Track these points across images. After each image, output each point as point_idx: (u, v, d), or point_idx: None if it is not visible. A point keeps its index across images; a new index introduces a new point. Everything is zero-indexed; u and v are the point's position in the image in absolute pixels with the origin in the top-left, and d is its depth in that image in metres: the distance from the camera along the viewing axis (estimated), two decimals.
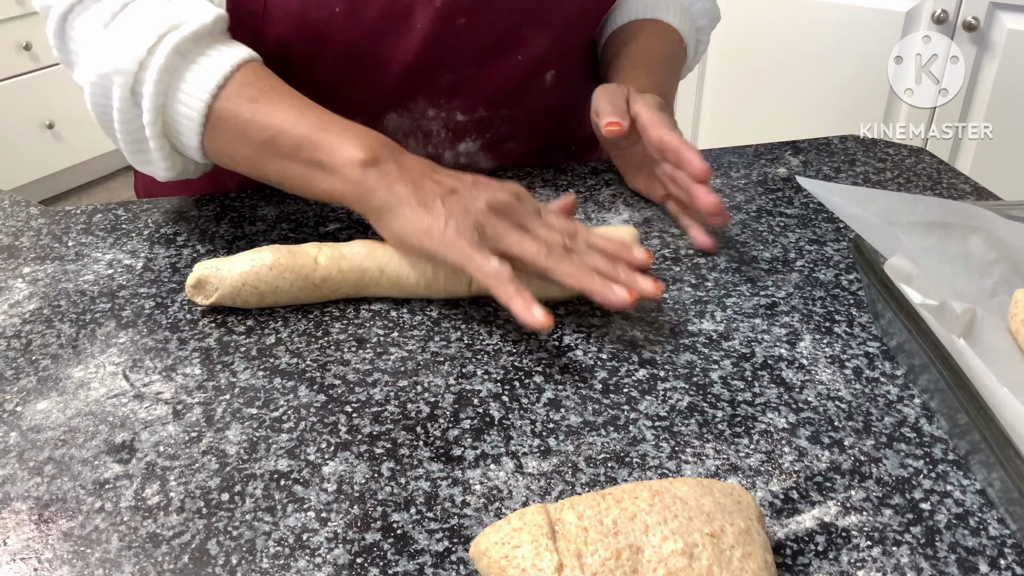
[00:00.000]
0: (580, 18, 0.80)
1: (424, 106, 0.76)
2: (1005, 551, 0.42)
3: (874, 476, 0.46)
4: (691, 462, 0.47)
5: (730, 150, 0.86)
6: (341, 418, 0.50)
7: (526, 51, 0.76)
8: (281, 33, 0.70)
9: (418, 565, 0.41)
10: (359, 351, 0.56)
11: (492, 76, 0.76)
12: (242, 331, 0.58)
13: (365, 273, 0.59)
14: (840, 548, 0.42)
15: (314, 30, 0.70)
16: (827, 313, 0.60)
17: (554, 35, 0.77)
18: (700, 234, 0.67)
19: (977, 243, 0.57)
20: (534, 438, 0.49)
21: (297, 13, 0.69)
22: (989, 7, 1.54)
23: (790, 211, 0.74)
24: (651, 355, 0.56)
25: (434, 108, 0.77)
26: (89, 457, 0.47)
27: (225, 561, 0.41)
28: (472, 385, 0.53)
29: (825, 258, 0.67)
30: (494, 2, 0.72)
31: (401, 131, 0.78)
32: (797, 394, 0.52)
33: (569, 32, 0.79)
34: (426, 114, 0.77)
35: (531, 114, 0.81)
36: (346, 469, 0.47)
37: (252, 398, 0.52)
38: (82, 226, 0.71)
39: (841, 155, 0.86)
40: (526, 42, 0.75)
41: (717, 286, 0.63)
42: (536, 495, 0.45)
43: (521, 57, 0.76)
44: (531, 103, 0.80)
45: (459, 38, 0.72)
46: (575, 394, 0.52)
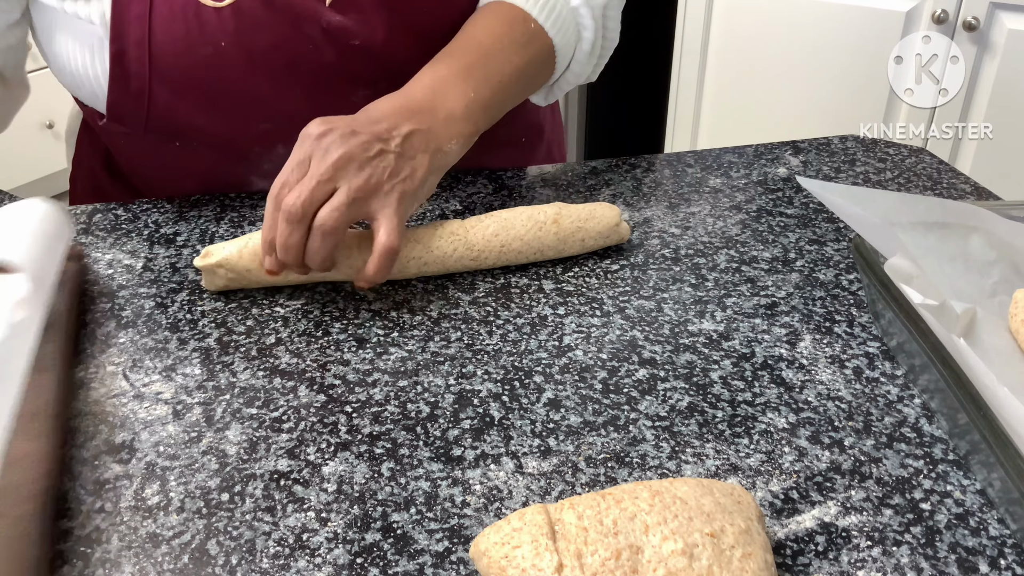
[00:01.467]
0: (458, 22, 0.73)
1: None
2: (1005, 551, 0.42)
3: (874, 476, 0.46)
4: (691, 462, 0.47)
5: (730, 150, 0.86)
6: (341, 418, 0.50)
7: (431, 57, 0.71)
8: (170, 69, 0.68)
9: (418, 565, 0.41)
10: (359, 351, 0.56)
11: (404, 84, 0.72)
12: (242, 331, 0.58)
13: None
14: (840, 548, 0.42)
15: (206, 64, 0.68)
16: (827, 313, 0.60)
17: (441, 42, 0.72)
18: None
19: (977, 243, 0.56)
20: (534, 438, 0.49)
21: (184, 53, 0.68)
22: (989, 7, 1.54)
23: (790, 211, 0.74)
24: (651, 355, 0.56)
25: None
26: (89, 457, 0.47)
27: (225, 561, 0.41)
28: (472, 385, 0.53)
29: (825, 258, 0.67)
30: (380, 24, 0.70)
31: None
32: (797, 394, 0.52)
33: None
34: None
35: None
36: (346, 469, 0.47)
37: (252, 398, 0.52)
38: (82, 226, 0.71)
39: (841, 155, 0.86)
40: (429, 53, 0.70)
41: (717, 286, 0.63)
42: (536, 495, 0.45)
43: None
44: None
45: (359, 59, 0.71)
46: (575, 394, 0.52)
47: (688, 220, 0.72)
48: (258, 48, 0.68)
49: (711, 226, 0.71)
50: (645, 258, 0.67)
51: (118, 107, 0.69)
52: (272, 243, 0.58)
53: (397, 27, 0.70)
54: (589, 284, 0.63)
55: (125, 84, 0.68)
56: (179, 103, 0.69)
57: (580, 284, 0.63)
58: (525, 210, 0.64)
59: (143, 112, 0.69)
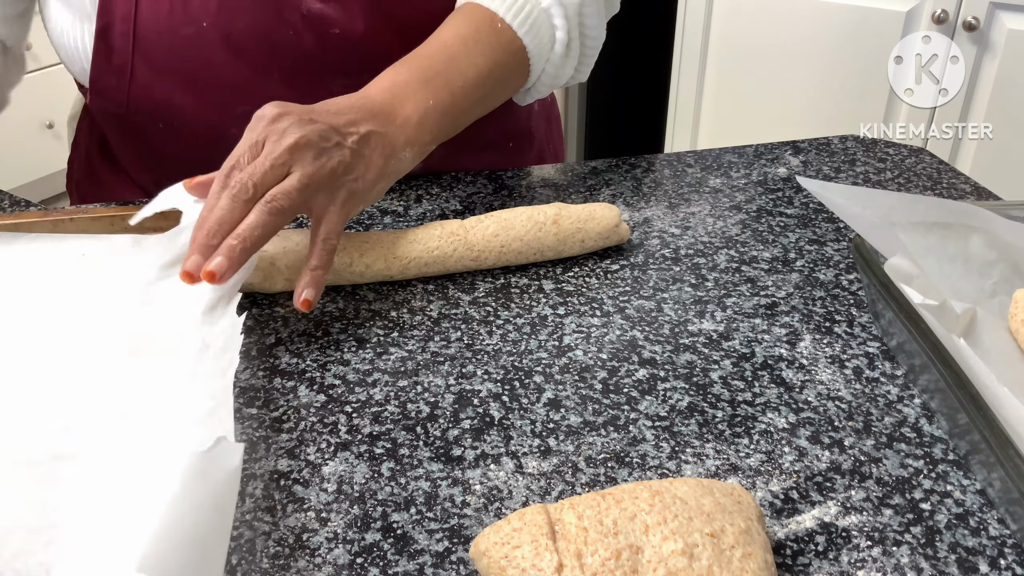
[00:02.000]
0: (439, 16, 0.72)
1: None
2: (1005, 551, 0.42)
3: (874, 476, 0.46)
4: (691, 462, 0.47)
5: (730, 150, 0.86)
6: (341, 418, 0.50)
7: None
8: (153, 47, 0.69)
9: (418, 565, 0.41)
10: (359, 351, 0.56)
11: None
12: (242, 331, 0.58)
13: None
14: (840, 548, 0.42)
15: (187, 44, 0.69)
16: (827, 313, 0.60)
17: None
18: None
19: (977, 243, 0.57)
20: (534, 438, 0.49)
21: (167, 31, 0.69)
22: (989, 7, 1.54)
23: (790, 211, 0.74)
24: (651, 355, 0.56)
25: None
26: None
27: (225, 561, 0.41)
28: (472, 385, 0.53)
29: (825, 258, 0.67)
30: (360, 13, 0.70)
31: None
32: (797, 394, 0.52)
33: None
34: None
35: None
36: (346, 469, 0.47)
37: (252, 398, 0.52)
38: None
39: (841, 155, 0.86)
40: (409, 46, 0.70)
41: (717, 286, 0.63)
42: (536, 495, 0.45)
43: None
44: None
45: (339, 47, 0.71)
46: (575, 394, 0.52)
47: (688, 220, 0.72)
48: (238, 30, 0.69)
49: (711, 226, 0.71)
50: (645, 258, 0.67)
51: (100, 81, 0.70)
52: (205, 228, 0.52)
53: (377, 18, 0.71)
54: (589, 284, 0.63)
55: (108, 58, 0.69)
56: (160, 81, 0.70)
57: (580, 284, 0.63)
58: (525, 210, 0.64)
59: (125, 88, 0.70)
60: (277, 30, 0.69)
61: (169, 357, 0.48)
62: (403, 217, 0.72)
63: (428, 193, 0.76)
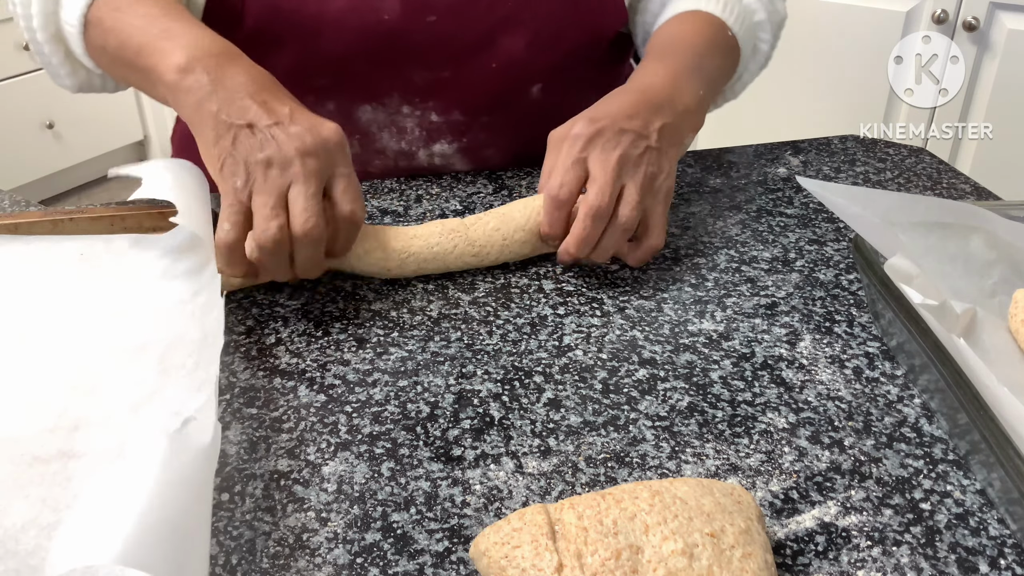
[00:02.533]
0: (557, 28, 0.76)
1: (398, 102, 0.77)
2: (1005, 551, 0.42)
3: (874, 476, 0.46)
4: (691, 462, 0.47)
5: (730, 150, 0.86)
6: (341, 418, 0.50)
7: (500, 58, 0.75)
8: (256, 14, 0.71)
9: (418, 565, 0.41)
10: (359, 351, 0.56)
11: (467, 80, 0.76)
12: (242, 331, 0.58)
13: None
14: (840, 548, 0.42)
15: (283, 15, 0.71)
16: (827, 313, 0.60)
17: (528, 44, 0.75)
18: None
19: (977, 243, 0.57)
20: (534, 438, 0.49)
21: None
22: (989, 7, 1.54)
23: (790, 211, 0.74)
24: (651, 355, 0.56)
25: (408, 105, 0.77)
26: None
27: (225, 561, 0.41)
28: (472, 385, 0.53)
29: (825, 258, 0.67)
30: (466, 4, 0.72)
31: (376, 124, 0.78)
32: (797, 394, 0.52)
33: (548, 42, 0.76)
34: (400, 110, 0.77)
35: (514, 126, 0.80)
36: (346, 469, 0.47)
37: (252, 398, 0.52)
38: None
39: (841, 155, 0.86)
40: (500, 48, 0.74)
41: (717, 286, 0.63)
42: (536, 495, 0.45)
43: (496, 65, 0.75)
44: (515, 115, 0.79)
45: (430, 36, 0.72)
46: (575, 394, 0.52)
47: (688, 220, 0.72)
48: (335, 7, 0.70)
49: (711, 226, 0.71)
50: None
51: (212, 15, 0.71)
52: (570, 242, 0.60)
53: (480, 24, 0.73)
54: (589, 284, 0.63)
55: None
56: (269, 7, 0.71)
57: (580, 284, 0.63)
58: (519, 202, 0.64)
59: (239, 5, 0.71)
60: (373, 9, 0.71)
61: (166, 354, 0.48)
62: (403, 217, 0.72)
63: (428, 193, 0.76)
